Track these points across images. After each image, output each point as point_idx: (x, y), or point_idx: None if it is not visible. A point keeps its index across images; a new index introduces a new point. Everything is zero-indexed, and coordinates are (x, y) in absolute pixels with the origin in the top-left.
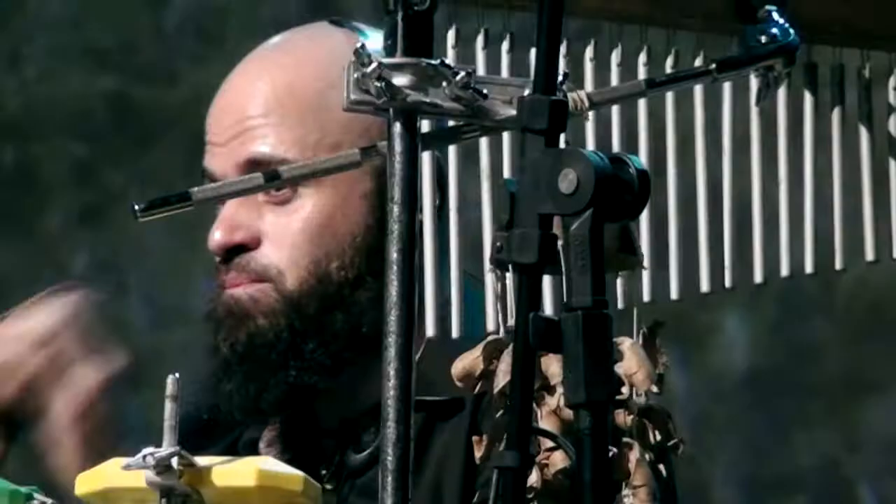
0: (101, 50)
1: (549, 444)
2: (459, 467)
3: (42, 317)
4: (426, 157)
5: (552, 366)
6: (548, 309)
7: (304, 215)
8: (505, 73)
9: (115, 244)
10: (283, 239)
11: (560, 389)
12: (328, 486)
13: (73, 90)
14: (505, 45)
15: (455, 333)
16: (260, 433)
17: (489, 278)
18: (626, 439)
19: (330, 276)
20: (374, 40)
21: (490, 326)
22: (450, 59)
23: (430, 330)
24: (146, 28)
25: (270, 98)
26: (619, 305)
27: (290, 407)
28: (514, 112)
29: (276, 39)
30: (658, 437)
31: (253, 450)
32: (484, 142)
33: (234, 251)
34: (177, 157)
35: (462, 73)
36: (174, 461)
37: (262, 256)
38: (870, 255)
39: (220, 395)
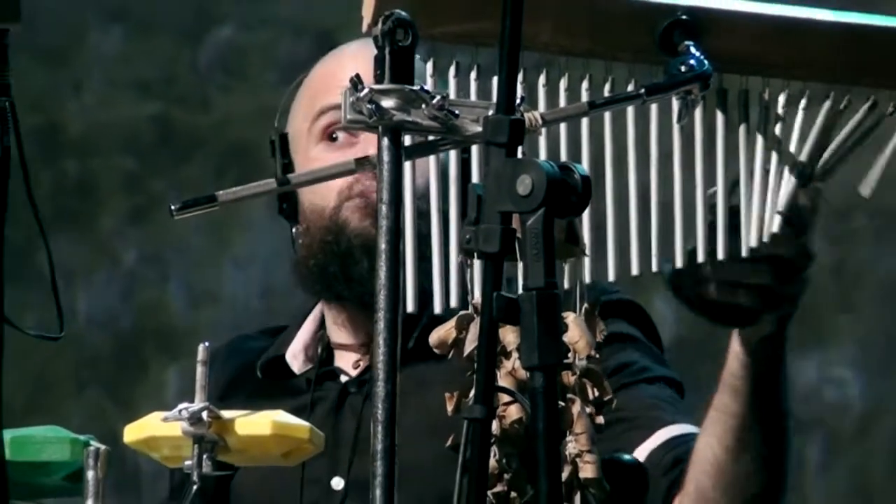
0: (147, 81)
1: (506, 399)
2: None
3: None
4: (408, 166)
5: (508, 335)
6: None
7: None
8: (473, 97)
9: (158, 240)
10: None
11: (515, 354)
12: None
13: (124, 114)
14: (473, 75)
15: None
16: (282, 351)
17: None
18: (569, 395)
19: None
20: None
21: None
22: (428, 86)
23: (409, 306)
24: (184, 63)
25: None
26: (566, 286)
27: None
28: (480, 129)
29: None
30: (595, 394)
31: (280, 363)
32: (453, 154)
33: None
34: (209, 168)
35: (438, 97)
36: (204, 414)
37: None
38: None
39: (348, 274)
